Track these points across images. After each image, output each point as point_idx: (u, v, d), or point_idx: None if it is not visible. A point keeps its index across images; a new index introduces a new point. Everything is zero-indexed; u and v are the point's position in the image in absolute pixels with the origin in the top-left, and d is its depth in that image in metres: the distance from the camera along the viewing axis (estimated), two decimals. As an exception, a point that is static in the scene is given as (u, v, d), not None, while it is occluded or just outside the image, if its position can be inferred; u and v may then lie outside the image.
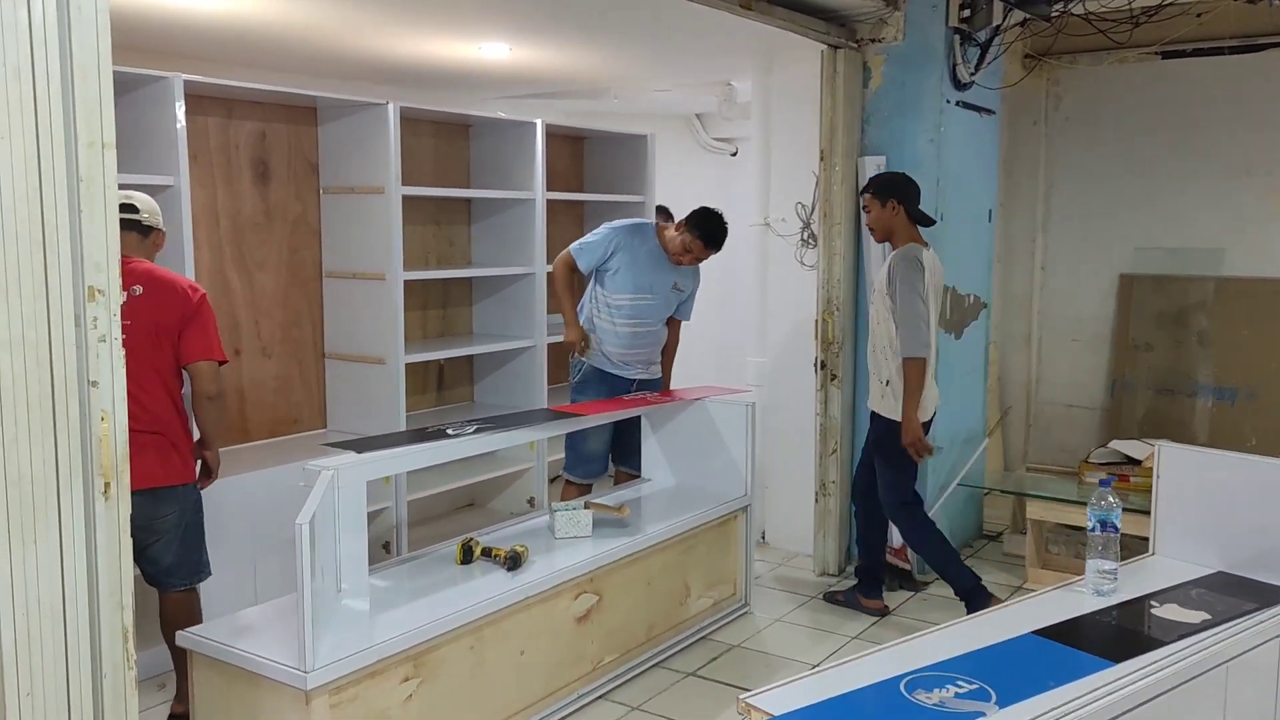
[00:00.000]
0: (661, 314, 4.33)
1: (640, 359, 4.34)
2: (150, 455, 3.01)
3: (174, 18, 4.03)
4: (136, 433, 2.92)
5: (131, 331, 2.91)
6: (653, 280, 4.24)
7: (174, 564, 3.15)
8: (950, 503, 4.82)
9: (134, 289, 2.98)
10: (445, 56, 4.95)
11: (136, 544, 3.04)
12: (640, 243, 4.23)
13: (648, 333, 4.30)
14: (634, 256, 4.20)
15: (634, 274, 4.20)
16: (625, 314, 4.23)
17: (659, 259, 4.24)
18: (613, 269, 4.20)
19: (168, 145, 3.48)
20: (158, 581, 3.17)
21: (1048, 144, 5.78)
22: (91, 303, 1.92)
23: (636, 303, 4.23)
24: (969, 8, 4.25)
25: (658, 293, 4.26)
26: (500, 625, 3.05)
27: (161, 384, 3.06)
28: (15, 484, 1.81)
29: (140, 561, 3.12)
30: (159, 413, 3.04)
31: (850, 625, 4.13)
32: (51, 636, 1.89)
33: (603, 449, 4.35)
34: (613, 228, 4.26)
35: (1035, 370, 5.94)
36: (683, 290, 4.36)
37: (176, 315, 3.04)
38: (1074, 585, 2.86)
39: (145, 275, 3.04)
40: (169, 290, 3.05)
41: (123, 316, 2.86)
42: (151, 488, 3.01)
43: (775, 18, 4.05)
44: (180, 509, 3.12)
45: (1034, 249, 5.87)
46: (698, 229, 4.13)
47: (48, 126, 1.82)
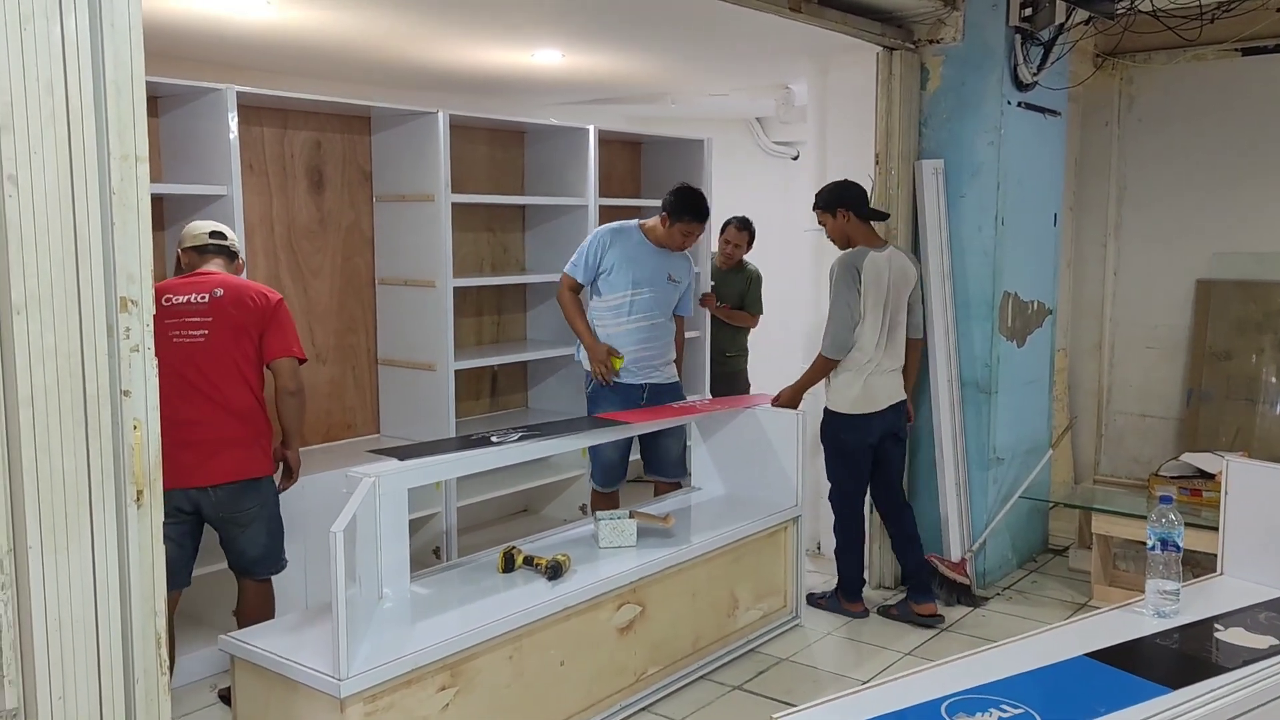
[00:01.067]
0: (662, 307, 4.30)
1: (651, 360, 4.28)
2: (236, 449, 3.16)
3: (232, 30, 4.11)
4: (222, 427, 3.13)
5: (215, 329, 3.14)
6: (647, 273, 4.23)
7: (261, 554, 3.29)
8: (1013, 515, 4.68)
9: (215, 291, 3.16)
10: (499, 63, 4.97)
11: (226, 536, 3.22)
12: (627, 239, 4.24)
13: (651, 327, 4.26)
14: (623, 253, 4.20)
15: (628, 269, 4.19)
16: (626, 312, 4.22)
17: (650, 252, 4.24)
18: (606, 270, 4.21)
19: (222, 155, 3.54)
20: (245, 571, 3.30)
21: (1120, 145, 5.60)
22: (124, 313, 1.94)
23: (635, 298, 4.21)
24: (1031, 6, 4.13)
25: (654, 285, 4.24)
26: (540, 635, 3.03)
27: (244, 380, 3.19)
28: (48, 492, 1.84)
29: (229, 553, 3.30)
30: (242, 408, 3.17)
31: (903, 641, 4.02)
32: (84, 642, 1.92)
33: (619, 456, 4.31)
34: (594, 233, 4.31)
35: (1107, 379, 5.75)
36: (678, 281, 4.33)
37: (256, 315, 3.19)
38: (1134, 606, 2.73)
39: (225, 281, 3.21)
40: (248, 292, 3.21)
41: (206, 315, 3.11)
42: (237, 480, 3.16)
43: (827, 20, 3.98)
44: (262, 501, 3.26)
45: (1105, 254, 5.69)
46: (686, 213, 4.15)
47: (80, 140, 1.85)
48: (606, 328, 4.24)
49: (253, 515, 3.23)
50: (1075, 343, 5.79)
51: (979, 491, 4.52)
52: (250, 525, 3.23)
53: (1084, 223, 5.71)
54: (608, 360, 4.17)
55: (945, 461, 4.46)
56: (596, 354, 4.19)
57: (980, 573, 4.56)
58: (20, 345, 1.79)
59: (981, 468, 4.52)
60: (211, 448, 3.11)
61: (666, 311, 4.33)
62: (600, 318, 4.26)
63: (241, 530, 3.23)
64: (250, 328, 3.19)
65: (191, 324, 3.10)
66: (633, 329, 4.23)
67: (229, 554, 3.30)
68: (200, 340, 3.11)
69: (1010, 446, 4.64)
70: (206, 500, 3.14)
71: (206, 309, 3.13)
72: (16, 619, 1.83)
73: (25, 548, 1.82)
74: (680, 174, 5.64)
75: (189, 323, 3.10)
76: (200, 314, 3.12)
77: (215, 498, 3.14)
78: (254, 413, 3.21)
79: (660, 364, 4.32)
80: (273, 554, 3.33)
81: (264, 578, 3.32)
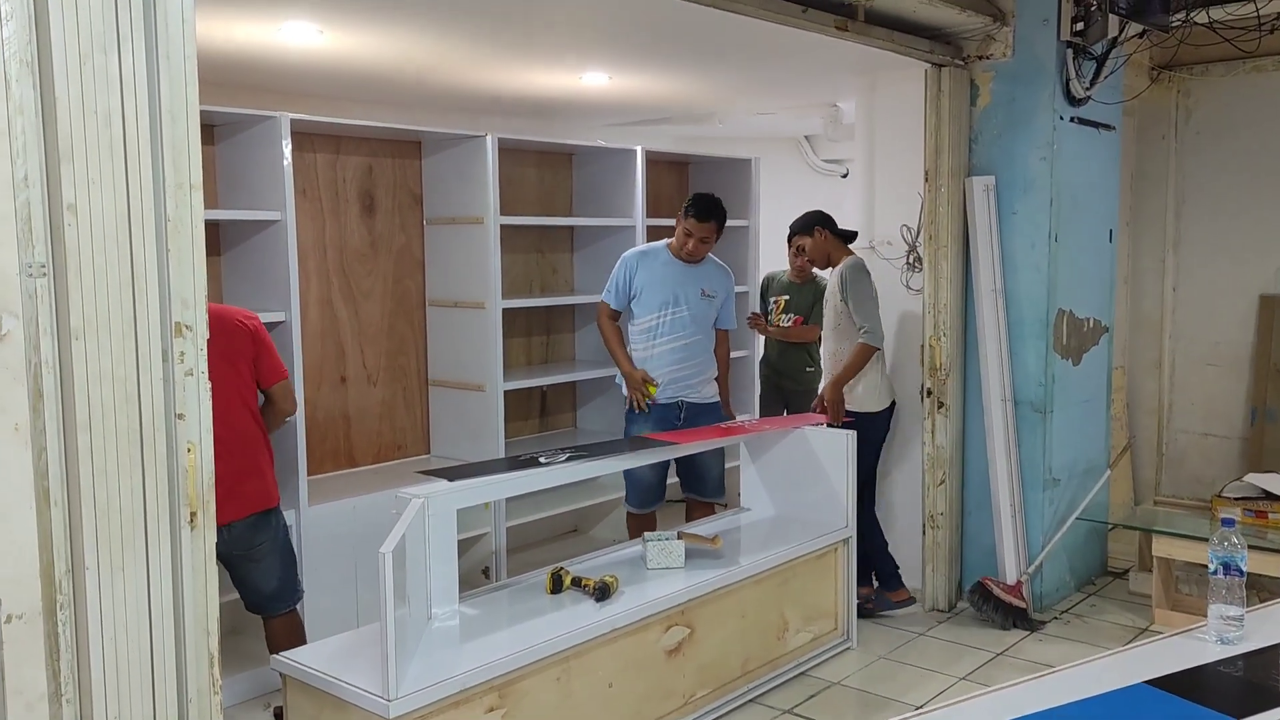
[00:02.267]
0: (699, 324, 4.27)
1: (688, 379, 4.25)
2: (247, 482, 3.12)
3: (286, 59, 4.20)
4: (232, 460, 3.01)
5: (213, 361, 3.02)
6: (678, 291, 4.21)
7: (277, 588, 3.24)
8: (1071, 537, 4.58)
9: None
10: (547, 86, 5.01)
11: (240, 573, 3.14)
12: (653, 259, 4.26)
13: (686, 346, 4.23)
14: (652, 274, 4.22)
15: (657, 290, 4.20)
16: (661, 332, 4.20)
17: (678, 269, 4.23)
18: (637, 293, 4.22)
19: (276, 181, 3.61)
20: (262, 609, 3.25)
21: (1178, 159, 5.49)
22: (179, 338, 1.99)
23: (667, 318, 4.20)
24: (1083, 21, 4.07)
25: (688, 303, 4.22)
26: (588, 657, 3.03)
27: (247, 409, 3.15)
28: (104, 514, 1.88)
29: (243, 590, 3.22)
30: (248, 441, 3.13)
31: (958, 665, 3.95)
32: (139, 663, 1.95)
33: (655, 478, 4.28)
34: (622, 258, 4.31)
35: (1167, 397, 5.62)
36: (713, 295, 4.29)
37: (246, 340, 3.14)
38: (1196, 632, 2.65)
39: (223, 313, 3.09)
40: (232, 317, 3.13)
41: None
42: (252, 514, 3.12)
43: (874, 38, 3.96)
44: (274, 533, 3.21)
45: (1164, 269, 5.57)
46: (689, 210, 4.15)
47: (137, 169, 1.90)
48: (641, 350, 4.25)
49: (266, 549, 3.18)
50: (1133, 360, 5.66)
51: (1035, 513, 4.44)
52: (264, 559, 3.19)
53: (1141, 238, 5.59)
54: (643, 387, 4.16)
55: (999, 482, 4.38)
56: (632, 381, 4.19)
57: (1037, 596, 4.47)
58: (79, 370, 1.83)
59: (1037, 489, 4.43)
60: (226, 484, 2.94)
61: (705, 327, 4.30)
62: (636, 341, 4.28)
63: (256, 565, 3.18)
64: (244, 353, 3.12)
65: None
66: (666, 350, 4.22)
67: (244, 592, 3.21)
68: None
69: (1067, 467, 4.55)
70: (221, 539, 2.99)
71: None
72: (74, 639, 1.86)
73: (82, 569, 1.86)
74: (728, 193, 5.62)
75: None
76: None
77: (230, 535, 3.05)
78: (259, 441, 3.17)
79: (698, 383, 4.29)
80: (288, 586, 3.27)
81: (284, 612, 3.27)
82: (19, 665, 1.81)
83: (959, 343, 4.47)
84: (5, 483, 1.77)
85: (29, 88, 1.77)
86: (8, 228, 1.76)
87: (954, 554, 4.54)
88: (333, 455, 4.28)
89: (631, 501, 4.37)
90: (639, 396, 4.17)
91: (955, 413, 4.47)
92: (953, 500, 4.51)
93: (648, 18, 3.68)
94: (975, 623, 4.34)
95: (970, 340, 4.48)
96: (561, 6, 3.60)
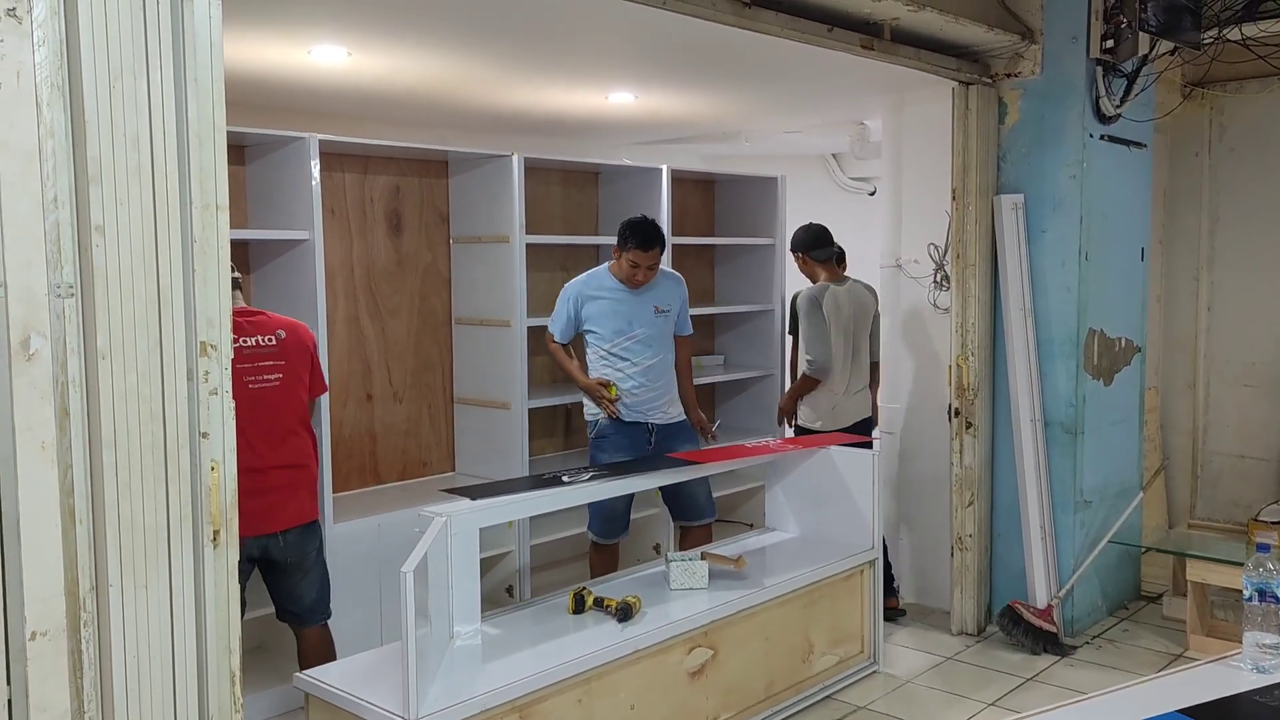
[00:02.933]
0: (658, 346, 4.12)
1: (653, 402, 4.10)
2: (302, 490, 3.18)
3: (314, 80, 4.25)
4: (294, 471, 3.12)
5: (287, 372, 3.12)
6: (630, 316, 4.06)
7: (316, 599, 3.28)
8: (1103, 560, 4.51)
9: (279, 333, 3.15)
10: (573, 105, 5.04)
11: (289, 582, 3.18)
12: (598, 286, 4.08)
13: (646, 370, 4.07)
14: (600, 304, 4.06)
15: (610, 318, 4.05)
16: (623, 356, 4.06)
17: (626, 294, 4.06)
18: (590, 321, 4.07)
19: (304, 201, 3.64)
20: (302, 619, 3.26)
21: (1211, 176, 5.42)
22: (204, 358, 2.00)
23: (627, 343, 4.05)
24: (1112, 38, 4.03)
25: (644, 324, 4.07)
26: (610, 678, 3.01)
27: (306, 421, 3.22)
28: (128, 532, 1.90)
29: (286, 601, 3.24)
30: (308, 449, 3.21)
31: (986, 690, 3.89)
32: (161, 680, 1.96)
33: (623, 506, 4.09)
34: (565, 290, 4.14)
35: (1202, 418, 5.53)
36: (667, 309, 4.14)
37: (310, 354, 3.23)
38: (1231, 659, 2.60)
39: (283, 322, 3.20)
40: (302, 331, 3.24)
41: (279, 359, 3.10)
42: (305, 523, 3.18)
43: (900, 56, 3.94)
44: (319, 544, 3.27)
45: (1198, 288, 5.50)
46: (629, 240, 3.94)
47: (164, 191, 1.92)
48: (609, 371, 4.09)
49: (314, 559, 3.23)
50: (1167, 381, 5.58)
51: (1066, 535, 4.37)
52: (311, 570, 3.22)
53: (1174, 256, 5.52)
54: (604, 391, 4.02)
55: (1029, 504, 4.32)
56: (591, 390, 4.05)
57: (1068, 620, 4.40)
58: (105, 389, 1.85)
59: (1068, 511, 4.37)
60: (286, 492, 3.11)
61: (664, 346, 4.15)
62: (595, 370, 4.12)
63: (304, 575, 3.21)
64: (307, 367, 3.21)
65: (265, 368, 3.08)
66: (636, 370, 4.07)
67: (287, 601, 3.23)
68: (275, 385, 3.10)
69: (1098, 489, 4.48)
70: (276, 546, 3.10)
71: (277, 352, 3.12)
72: (97, 657, 1.87)
73: (106, 586, 1.87)
74: (755, 211, 5.64)
75: (263, 366, 3.07)
76: (273, 357, 3.11)
77: (285, 542, 3.11)
78: (312, 453, 3.23)
79: (663, 404, 4.14)
80: (326, 597, 3.30)
81: (322, 623, 3.29)
82: (43, 682, 1.82)
83: (987, 362, 4.42)
84: (31, 500, 1.79)
85: (60, 111, 1.80)
86: (37, 249, 1.79)
87: (983, 577, 4.48)
88: (359, 472, 4.30)
89: (595, 530, 4.17)
90: (606, 404, 4.03)
91: (984, 433, 4.42)
92: (982, 522, 4.45)
93: (673, 38, 3.69)
94: (1005, 647, 4.28)
95: (999, 360, 4.43)
96: (588, 28, 3.62)
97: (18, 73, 1.75)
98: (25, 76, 1.75)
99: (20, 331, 1.77)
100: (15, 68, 1.74)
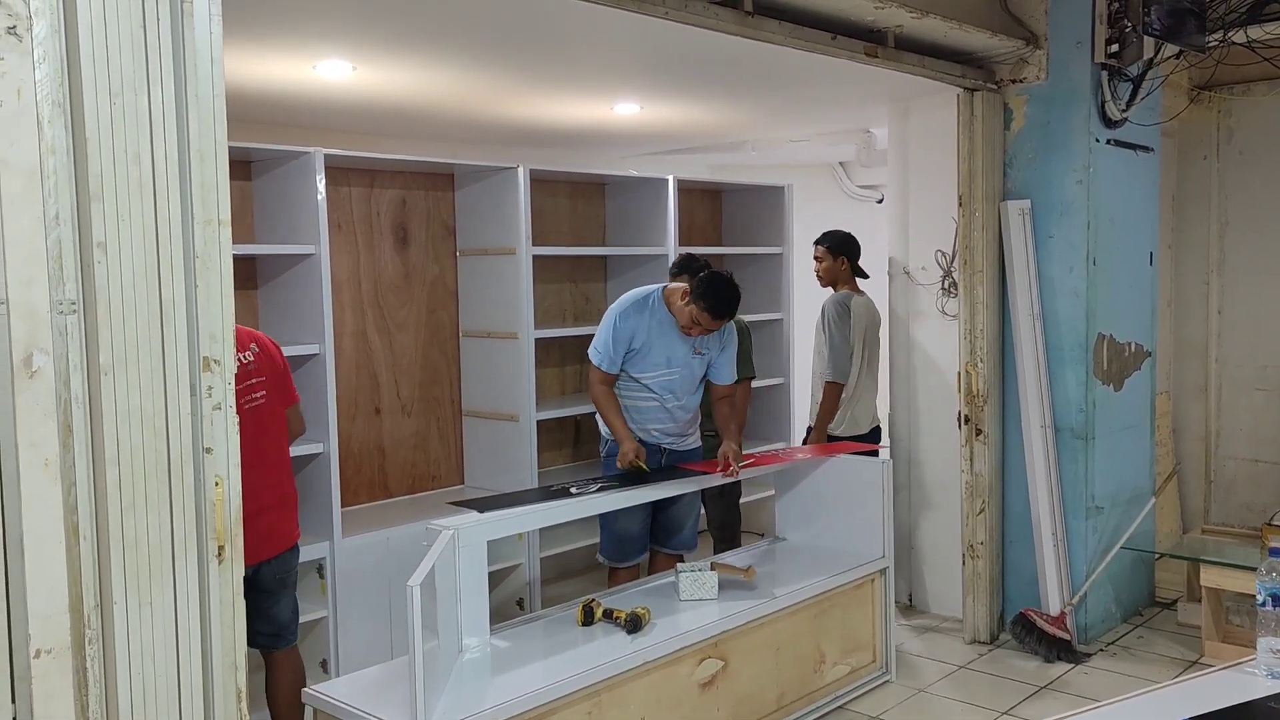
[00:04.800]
0: (689, 386, 3.88)
1: (671, 432, 3.91)
2: (289, 509, 3.11)
3: (321, 95, 4.27)
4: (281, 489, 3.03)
5: (269, 389, 2.99)
6: (670, 354, 3.79)
7: (290, 617, 3.15)
8: (1116, 567, 4.47)
9: (252, 346, 3.00)
10: (579, 117, 5.05)
11: (269, 602, 3.05)
12: (649, 315, 3.78)
13: (677, 408, 3.87)
14: (650, 334, 3.77)
15: (654, 351, 3.78)
16: (650, 388, 3.83)
17: (672, 328, 3.77)
18: (636, 350, 3.79)
19: (310, 215, 3.65)
20: (278, 639, 3.10)
21: (1220, 179, 5.40)
22: (207, 373, 2.00)
23: (661, 379, 3.81)
24: (1117, 42, 4.02)
25: (679, 364, 3.81)
26: (619, 690, 2.99)
27: (286, 437, 3.12)
28: (133, 549, 1.89)
29: (263, 623, 3.05)
30: (287, 470, 3.11)
31: (1000, 699, 3.86)
32: (166, 698, 1.95)
33: (636, 528, 3.89)
34: (618, 314, 3.80)
35: (1214, 423, 5.49)
36: (704, 352, 3.84)
37: (281, 364, 3.11)
38: (1245, 666, 2.57)
39: (251, 334, 3.06)
40: (269, 343, 3.10)
41: (260, 375, 2.98)
42: (289, 547, 3.10)
43: (904, 64, 3.94)
44: (298, 561, 3.18)
45: (1208, 291, 5.47)
46: (703, 299, 3.63)
47: (166, 206, 1.92)
48: (630, 399, 3.86)
49: (294, 577, 3.14)
50: (1178, 385, 5.55)
51: (1078, 542, 4.34)
52: (290, 587, 3.13)
53: (1184, 260, 5.50)
54: (633, 460, 3.72)
55: (1041, 511, 4.29)
56: (626, 458, 3.71)
57: (1081, 627, 4.36)
58: (108, 405, 1.85)
59: (1080, 517, 4.33)
60: (279, 513, 3.01)
61: (693, 387, 3.90)
62: (625, 385, 3.85)
63: (286, 592, 3.10)
64: (281, 379, 3.09)
65: (253, 386, 2.94)
66: (658, 406, 3.86)
67: (263, 623, 3.03)
68: (262, 402, 2.98)
69: (1110, 495, 4.45)
70: (268, 569, 3.00)
71: (256, 368, 2.98)
72: (102, 675, 1.87)
73: (111, 604, 1.86)
74: (762, 221, 5.64)
75: (250, 385, 2.93)
76: (254, 375, 2.97)
77: (275, 565, 3.02)
78: (291, 474, 3.13)
79: (679, 436, 3.95)
80: (297, 618, 3.18)
81: (292, 644, 3.15)
82: (47, 701, 1.81)
83: (996, 369, 4.40)
84: (35, 517, 1.79)
85: (61, 128, 1.80)
86: (39, 265, 1.79)
87: (995, 584, 4.45)
88: (367, 486, 4.30)
89: (607, 553, 3.97)
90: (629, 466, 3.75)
91: (994, 440, 4.39)
92: (993, 529, 4.42)
93: (678, 48, 3.69)
94: (1018, 655, 4.25)
95: (1008, 366, 4.41)
96: (591, 39, 3.62)
97: (18, 90, 1.75)
98: (26, 94, 1.76)
99: (23, 348, 1.77)
100: (16, 85, 1.75)
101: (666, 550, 4.04)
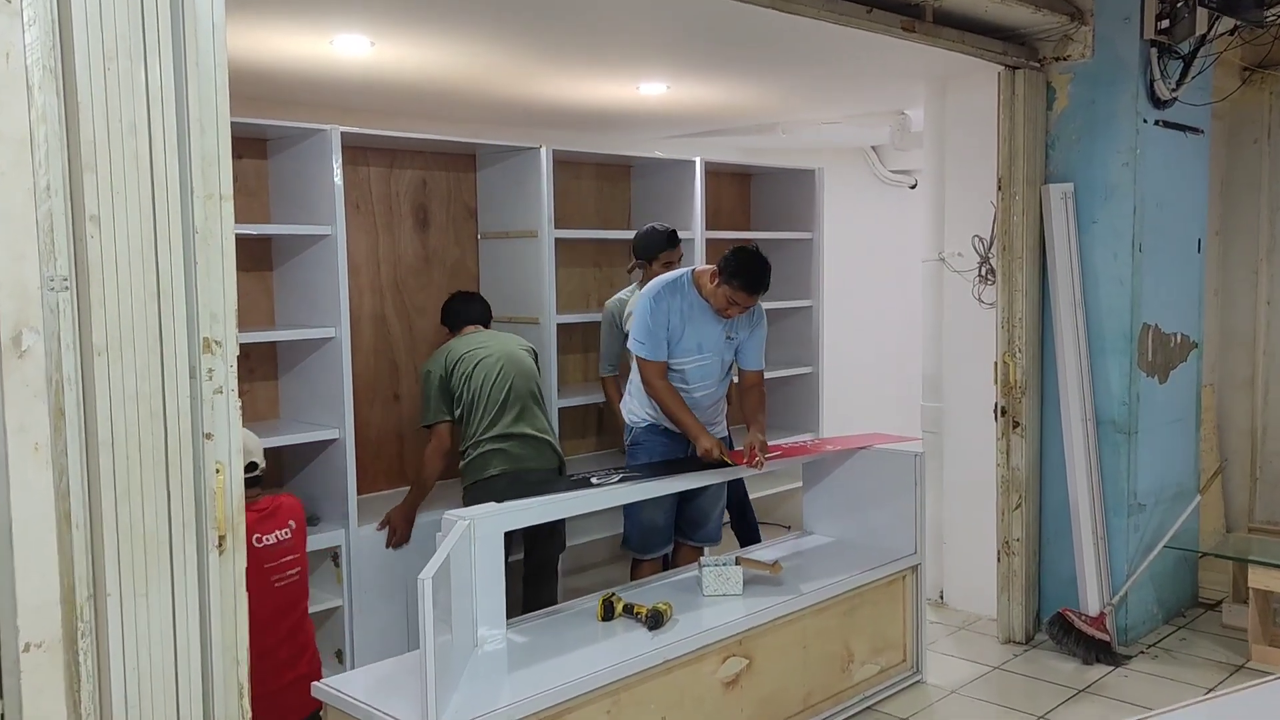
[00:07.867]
0: (717, 372, 3.77)
1: (701, 420, 3.74)
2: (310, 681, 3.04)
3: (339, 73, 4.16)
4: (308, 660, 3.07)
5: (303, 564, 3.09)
6: (702, 339, 3.68)
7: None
8: (1159, 566, 4.31)
9: (290, 524, 3.09)
10: (604, 97, 4.92)
11: None
12: (681, 299, 3.66)
13: (703, 397, 3.76)
14: (685, 318, 3.65)
15: (690, 335, 3.67)
16: (684, 378, 3.72)
17: (704, 312, 3.66)
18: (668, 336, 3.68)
19: (327, 195, 3.55)
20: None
21: (1272, 163, 5.20)
22: (207, 354, 1.91)
23: (694, 366, 3.70)
24: (1168, 18, 3.84)
25: (711, 349, 3.70)
26: (639, 688, 2.89)
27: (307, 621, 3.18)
28: (128, 538, 1.81)
29: None
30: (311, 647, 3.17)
31: (1036, 702, 3.72)
32: (163, 693, 1.87)
33: (663, 519, 3.81)
34: (651, 297, 3.66)
35: (1261, 417, 5.30)
36: (734, 337, 3.74)
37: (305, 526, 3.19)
38: (1303, 677, 2.43)
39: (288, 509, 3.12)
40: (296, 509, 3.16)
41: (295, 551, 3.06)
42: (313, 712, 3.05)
43: (943, 39, 3.78)
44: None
45: (1258, 281, 5.27)
46: (736, 277, 3.52)
47: (163, 179, 1.83)
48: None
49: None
50: (1224, 378, 5.36)
51: (1119, 540, 4.18)
52: None
53: (1232, 248, 5.30)
54: (713, 454, 3.61)
55: (1080, 507, 4.14)
56: (710, 451, 3.59)
57: (1121, 629, 4.21)
58: (101, 388, 1.76)
59: (1121, 514, 4.17)
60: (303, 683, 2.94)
61: (723, 373, 3.80)
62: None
63: None
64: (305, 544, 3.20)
65: (289, 563, 3.03)
66: (686, 395, 3.73)
67: None
68: (296, 579, 3.06)
69: (1153, 491, 4.29)
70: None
71: (292, 544, 3.07)
72: (96, 669, 1.78)
73: (104, 595, 1.78)
74: (792, 205, 5.50)
75: (287, 563, 3.02)
76: (291, 551, 3.05)
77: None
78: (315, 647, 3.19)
79: (708, 424, 3.78)
80: None
81: None
82: (37, 696, 1.73)
83: (1035, 359, 4.24)
84: (25, 504, 1.70)
85: (52, 95, 1.71)
86: (29, 239, 1.70)
87: (1031, 583, 4.30)
88: (386, 474, 4.22)
89: (632, 544, 3.88)
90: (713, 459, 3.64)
91: (1032, 433, 4.24)
92: (1030, 526, 4.27)
93: (706, 22, 3.56)
94: (1055, 656, 4.11)
95: (1047, 356, 4.25)
96: (617, 13, 3.50)
97: (7, 54, 1.66)
98: (15, 58, 1.67)
99: (12, 327, 1.68)
100: (4, 49, 1.65)
101: (691, 543, 3.96)
